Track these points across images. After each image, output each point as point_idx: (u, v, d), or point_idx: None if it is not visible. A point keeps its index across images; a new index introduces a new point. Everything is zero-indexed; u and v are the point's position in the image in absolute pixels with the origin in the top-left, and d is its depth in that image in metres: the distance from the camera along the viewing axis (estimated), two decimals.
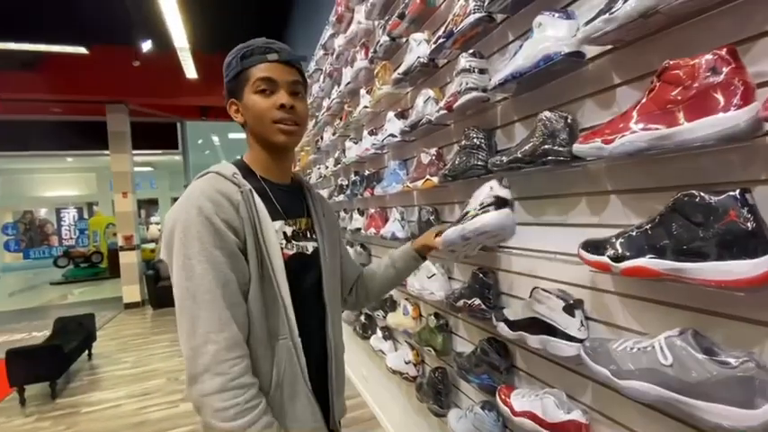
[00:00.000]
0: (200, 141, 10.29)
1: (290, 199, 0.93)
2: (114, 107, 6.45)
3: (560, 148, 0.88)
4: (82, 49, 5.30)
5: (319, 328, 0.92)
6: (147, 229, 13.07)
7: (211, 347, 0.70)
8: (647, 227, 0.72)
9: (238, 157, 0.94)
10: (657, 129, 0.67)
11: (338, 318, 0.99)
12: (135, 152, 6.75)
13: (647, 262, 0.70)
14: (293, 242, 0.88)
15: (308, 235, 0.93)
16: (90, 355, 4.23)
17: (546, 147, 0.91)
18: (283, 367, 0.81)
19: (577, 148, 0.82)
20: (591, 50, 0.88)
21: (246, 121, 0.88)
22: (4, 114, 6.49)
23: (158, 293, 6.24)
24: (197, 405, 0.71)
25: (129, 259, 6.57)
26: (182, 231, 0.74)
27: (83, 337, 3.88)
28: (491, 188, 0.92)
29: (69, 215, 15.28)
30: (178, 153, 8.18)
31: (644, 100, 0.70)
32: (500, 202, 0.88)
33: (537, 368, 1.15)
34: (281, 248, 0.83)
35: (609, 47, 0.85)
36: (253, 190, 0.82)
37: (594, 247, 0.81)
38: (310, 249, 0.92)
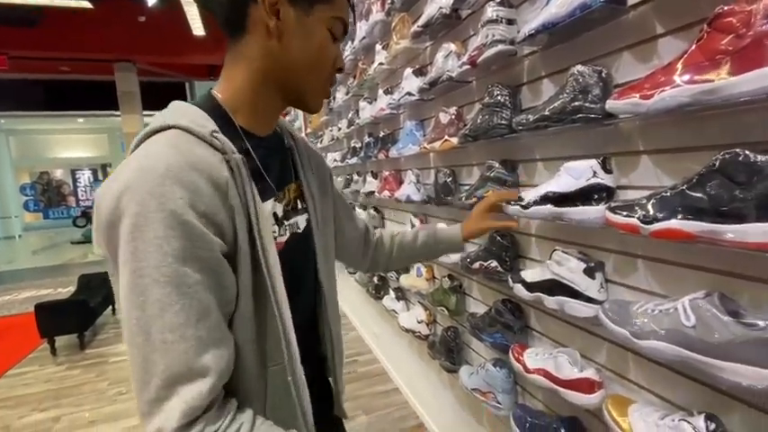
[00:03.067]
0: None
1: (277, 160, 0.68)
2: (122, 66, 6.36)
3: (592, 105, 0.84)
4: (86, 3, 5.14)
5: (314, 312, 0.76)
6: None
7: (181, 397, 0.46)
8: (683, 187, 0.69)
9: (207, 92, 0.62)
10: (704, 82, 0.63)
11: (334, 295, 0.79)
12: (145, 113, 6.73)
13: (680, 224, 0.68)
14: (285, 223, 0.66)
15: (298, 205, 0.71)
16: (114, 310, 4.43)
17: (577, 103, 0.87)
18: (278, 402, 0.58)
19: (612, 104, 0.78)
20: None
21: (286, 41, 0.57)
22: (14, 73, 6.43)
23: None
24: None
25: None
26: (131, 231, 0.45)
27: (107, 292, 4.05)
28: (594, 172, 0.87)
29: (84, 176, 15.55)
30: None
31: (691, 49, 0.66)
32: (604, 193, 0.87)
33: (551, 328, 1.17)
34: (275, 237, 0.62)
35: None
36: (241, 159, 0.54)
37: (622, 208, 0.79)
38: (302, 225, 0.70)
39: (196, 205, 0.48)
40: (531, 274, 1.08)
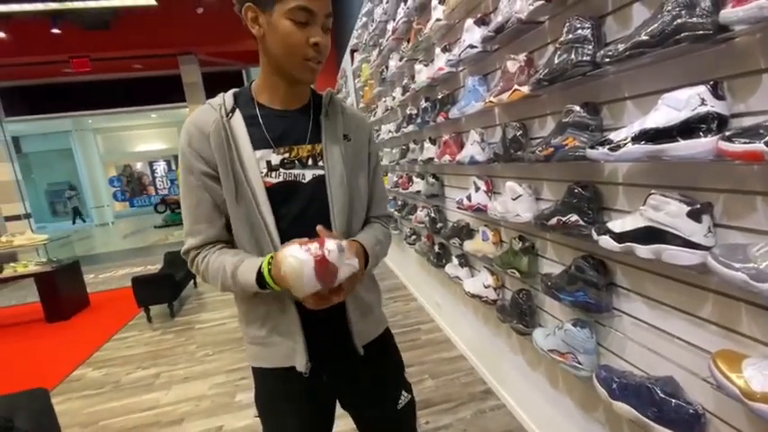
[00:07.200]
0: None
1: (292, 125, 0.89)
2: (185, 58, 6.77)
3: (701, 20, 0.73)
4: (151, 1, 5.49)
5: None
6: None
7: (187, 241, 0.89)
8: None
9: (251, 83, 0.91)
10: None
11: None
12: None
13: None
14: (280, 170, 0.87)
15: (310, 162, 0.89)
16: (195, 283, 4.89)
17: (680, 21, 0.76)
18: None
19: (728, 14, 0.67)
20: None
21: (267, 40, 0.81)
22: (96, 74, 7.11)
23: None
24: None
25: None
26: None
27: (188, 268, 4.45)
28: (702, 99, 0.75)
29: (160, 167, 17.08)
30: None
31: None
32: (715, 123, 0.75)
33: (642, 284, 1.08)
34: (262, 176, 0.85)
35: None
36: (227, 120, 0.84)
37: (741, 135, 0.68)
38: (308, 177, 0.89)
39: (192, 144, 0.84)
40: (621, 224, 1.00)
